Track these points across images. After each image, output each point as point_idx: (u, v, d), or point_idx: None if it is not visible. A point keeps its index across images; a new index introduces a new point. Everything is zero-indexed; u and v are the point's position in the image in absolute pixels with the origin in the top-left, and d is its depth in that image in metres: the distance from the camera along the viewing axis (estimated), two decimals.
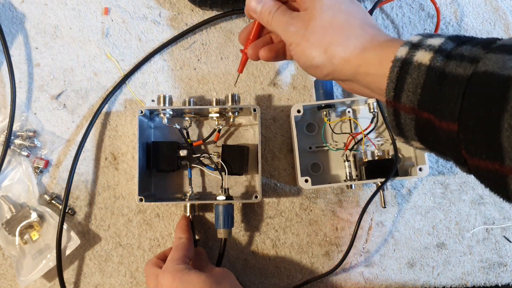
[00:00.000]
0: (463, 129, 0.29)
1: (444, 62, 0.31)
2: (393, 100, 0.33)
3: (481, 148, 0.28)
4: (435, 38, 0.33)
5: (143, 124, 0.58)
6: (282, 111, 0.64)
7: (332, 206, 0.63)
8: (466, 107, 0.29)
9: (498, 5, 0.67)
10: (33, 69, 0.63)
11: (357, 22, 0.39)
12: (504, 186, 0.28)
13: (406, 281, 0.63)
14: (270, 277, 0.61)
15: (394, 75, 0.33)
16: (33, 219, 0.59)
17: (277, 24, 0.42)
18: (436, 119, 0.31)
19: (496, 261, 0.63)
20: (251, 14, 0.44)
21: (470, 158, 0.29)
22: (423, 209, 0.63)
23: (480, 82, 0.28)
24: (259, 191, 0.56)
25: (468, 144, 0.29)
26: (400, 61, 0.33)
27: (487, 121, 0.27)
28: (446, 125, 0.30)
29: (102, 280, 0.61)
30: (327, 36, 0.38)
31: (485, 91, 0.28)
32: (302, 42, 0.39)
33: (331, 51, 0.38)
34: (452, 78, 0.30)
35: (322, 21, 0.38)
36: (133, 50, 0.64)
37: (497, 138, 0.27)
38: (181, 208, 0.61)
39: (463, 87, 0.29)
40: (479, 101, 0.28)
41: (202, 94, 0.64)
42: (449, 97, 0.30)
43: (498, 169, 0.28)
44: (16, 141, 0.60)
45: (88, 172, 0.62)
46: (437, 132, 0.31)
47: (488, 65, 0.28)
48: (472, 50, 0.30)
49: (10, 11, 0.64)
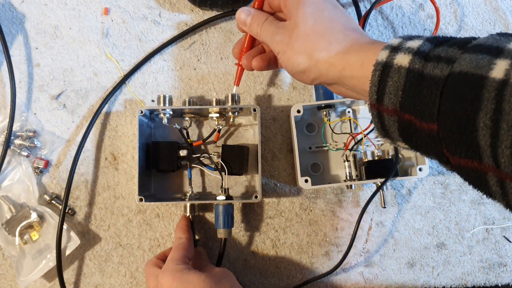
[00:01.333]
0: (442, 129, 0.30)
1: (422, 64, 0.31)
2: (376, 103, 0.34)
3: (460, 147, 0.29)
4: (414, 40, 0.34)
5: (143, 124, 0.58)
6: (282, 111, 0.64)
7: (332, 206, 0.63)
8: (444, 108, 0.29)
9: (498, 5, 0.67)
10: (33, 69, 0.63)
11: (339, 27, 0.40)
12: (485, 183, 0.28)
13: (406, 281, 0.63)
14: (270, 277, 0.61)
15: (376, 79, 0.34)
16: (33, 219, 0.59)
17: (265, 34, 0.44)
18: (417, 120, 0.32)
19: (496, 261, 0.63)
20: (241, 26, 0.47)
21: (451, 156, 0.30)
22: (423, 209, 0.63)
23: (455, 83, 0.29)
24: (259, 191, 0.56)
25: (448, 144, 0.30)
26: (381, 64, 0.34)
27: (464, 121, 0.28)
28: (427, 126, 0.31)
29: (102, 280, 0.61)
30: (311, 42, 0.39)
31: (460, 91, 0.28)
32: (287, 50, 0.41)
33: (315, 56, 0.39)
34: (429, 79, 0.30)
35: (305, 28, 0.40)
36: (133, 50, 0.64)
37: (474, 137, 0.27)
38: (181, 208, 0.61)
39: (440, 88, 0.30)
40: (456, 101, 0.28)
41: (202, 94, 0.64)
42: (428, 98, 0.30)
43: (477, 167, 0.28)
44: (16, 141, 0.60)
45: (88, 172, 0.62)
46: (419, 133, 0.32)
47: (462, 65, 0.29)
48: (449, 51, 0.31)
49: (10, 11, 0.64)
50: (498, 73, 0.26)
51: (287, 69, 0.42)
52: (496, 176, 0.27)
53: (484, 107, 0.26)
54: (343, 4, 0.66)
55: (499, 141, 0.26)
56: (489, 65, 0.27)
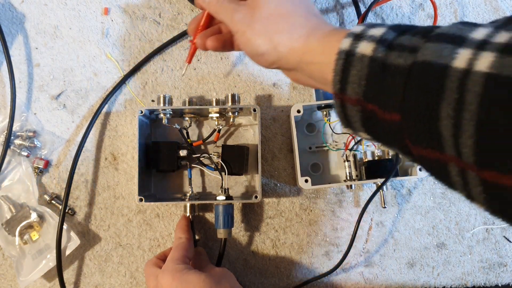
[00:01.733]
0: (405, 119, 0.29)
1: (386, 53, 0.31)
2: (339, 92, 0.33)
3: (423, 137, 0.28)
4: (377, 28, 0.33)
5: (143, 124, 0.58)
6: (282, 111, 0.64)
7: (332, 206, 0.63)
8: (407, 97, 0.29)
9: (498, 5, 0.67)
10: (33, 69, 0.63)
11: (302, 11, 0.39)
12: (446, 174, 0.28)
13: (406, 281, 0.63)
14: (270, 277, 0.61)
15: (339, 68, 0.33)
16: (33, 219, 0.59)
17: (224, 12, 0.42)
18: (380, 110, 0.31)
19: (496, 261, 0.63)
20: (200, 3, 0.45)
21: (413, 147, 0.30)
22: (423, 209, 0.63)
23: (419, 72, 0.28)
24: (259, 191, 0.56)
25: (411, 134, 0.29)
26: (344, 53, 0.33)
27: (427, 111, 0.27)
28: (389, 116, 0.30)
29: (102, 280, 0.61)
30: (272, 24, 0.38)
31: (424, 81, 0.28)
32: (247, 30, 0.40)
33: (276, 39, 0.38)
34: (393, 69, 0.30)
35: (267, 9, 0.39)
36: (133, 50, 0.64)
37: (437, 127, 0.27)
38: (181, 208, 0.61)
39: (404, 78, 0.29)
40: (419, 91, 0.28)
41: (202, 94, 0.64)
42: (391, 88, 0.30)
43: (439, 157, 0.28)
44: (16, 141, 0.60)
45: (88, 172, 0.62)
46: (381, 123, 0.32)
47: (426, 55, 0.28)
48: (412, 39, 0.30)
49: (10, 11, 0.64)
50: (461, 63, 0.26)
51: (246, 50, 0.41)
52: (458, 166, 0.27)
53: (447, 97, 0.26)
54: (343, 4, 0.66)
55: (461, 131, 0.26)
56: (451, 55, 0.27)
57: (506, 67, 0.24)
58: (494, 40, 0.26)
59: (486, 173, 0.25)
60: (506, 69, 0.24)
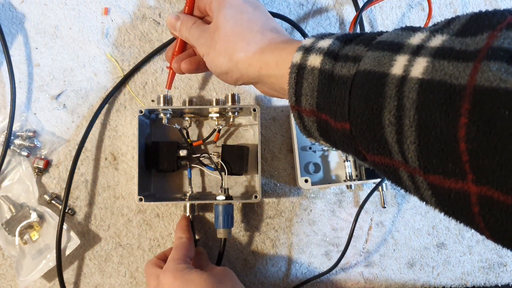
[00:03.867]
0: (354, 127, 0.30)
1: (332, 64, 0.32)
2: (295, 105, 0.35)
3: (372, 144, 0.29)
4: (325, 39, 0.34)
5: (143, 124, 0.58)
6: (282, 111, 0.64)
7: (332, 206, 0.63)
8: (353, 107, 0.29)
9: (498, 5, 0.67)
10: (33, 69, 0.63)
11: (257, 27, 0.41)
12: (399, 178, 0.29)
13: (406, 281, 0.63)
14: (270, 277, 0.62)
15: (292, 81, 0.34)
16: (33, 219, 0.59)
17: (192, 37, 0.46)
18: (331, 119, 0.32)
19: (496, 261, 0.63)
20: (172, 31, 0.49)
21: (366, 154, 0.30)
22: (423, 209, 0.63)
23: (361, 81, 0.29)
24: (259, 191, 0.56)
25: (361, 141, 0.30)
26: (296, 66, 0.34)
27: (372, 119, 0.28)
28: (340, 125, 0.31)
29: (102, 280, 0.61)
30: (230, 43, 0.41)
31: (366, 90, 0.28)
32: (210, 51, 0.42)
33: (235, 57, 0.40)
34: (339, 79, 0.31)
35: (225, 30, 0.41)
36: (133, 50, 0.64)
37: (382, 134, 0.27)
38: (181, 208, 0.61)
39: (348, 88, 0.30)
40: (363, 100, 0.28)
41: (202, 94, 0.64)
42: (339, 98, 0.31)
43: (389, 163, 0.28)
44: (16, 141, 0.60)
45: (88, 172, 0.62)
46: (335, 132, 0.32)
47: (367, 63, 0.29)
48: (355, 49, 0.31)
49: (10, 11, 0.64)
50: (398, 70, 0.26)
51: (212, 70, 0.43)
52: (406, 171, 0.27)
53: (387, 104, 0.27)
54: (343, 2, 0.66)
55: (404, 137, 0.26)
56: (390, 62, 0.27)
57: (438, 71, 0.24)
58: (429, 44, 0.26)
59: (432, 177, 0.25)
60: (438, 73, 0.24)
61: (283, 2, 0.65)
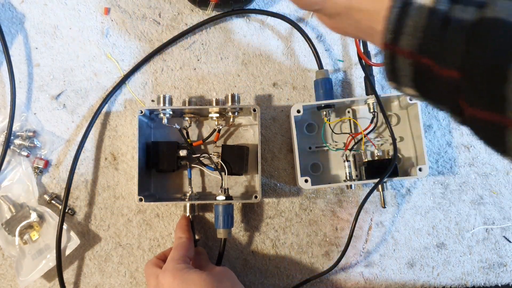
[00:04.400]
0: (466, 77, 0.28)
1: (449, 6, 0.29)
2: (391, 43, 0.31)
3: (483, 98, 0.27)
4: None
5: (143, 124, 0.58)
6: (282, 111, 0.64)
7: (332, 206, 0.63)
8: (471, 55, 0.27)
9: None
10: (33, 69, 0.63)
11: None
12: (501, 138, 0.27)
13: (406, 281, 0.63)
14: (270, 277, 0.61)
15: (393, 16, 0.31)
16: (33, 219, 0.59)
17: None
18: (436, 65, 0.30)
19: (496, 261, 0.63)
20: None
21: (469, 107, 0.29)
22: (423, 209, 0.63)
23: (487, 29, 0.27)
24: (259, 191, 0.56)
25: (469, 93, 0.28)
26: (400, 1, 0.31)
27: (493, 70, 0.26)
28: (447, 72, 0.29)
29: (102, 280, 0.61)
30: None
31: (492, 39, 0.26)
32: None
33: None
34: (456, 23, 0.28)
35: None
36: (133, 50, 0.64)
37: (501, 88, 0.26)
38: (181, 208, 0.61)
39: (468, 33, 0.28)
40: (486, 49, 0.27)
41: (202, 94, 0.64)
42: (453, 43, 0.28)
43: (497, 120, 0.27)
44: (16, 141, 0.60)
45: (88, 172, 0.62)
46: (435, 79, 0.30)
47: (497, 11, 0.27)
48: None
49: (10, 11, 0.64)
50: None
51: None
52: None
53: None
54: None
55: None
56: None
57: None
58: None
59: None
60: None
61: (283, 2, 0.65)
